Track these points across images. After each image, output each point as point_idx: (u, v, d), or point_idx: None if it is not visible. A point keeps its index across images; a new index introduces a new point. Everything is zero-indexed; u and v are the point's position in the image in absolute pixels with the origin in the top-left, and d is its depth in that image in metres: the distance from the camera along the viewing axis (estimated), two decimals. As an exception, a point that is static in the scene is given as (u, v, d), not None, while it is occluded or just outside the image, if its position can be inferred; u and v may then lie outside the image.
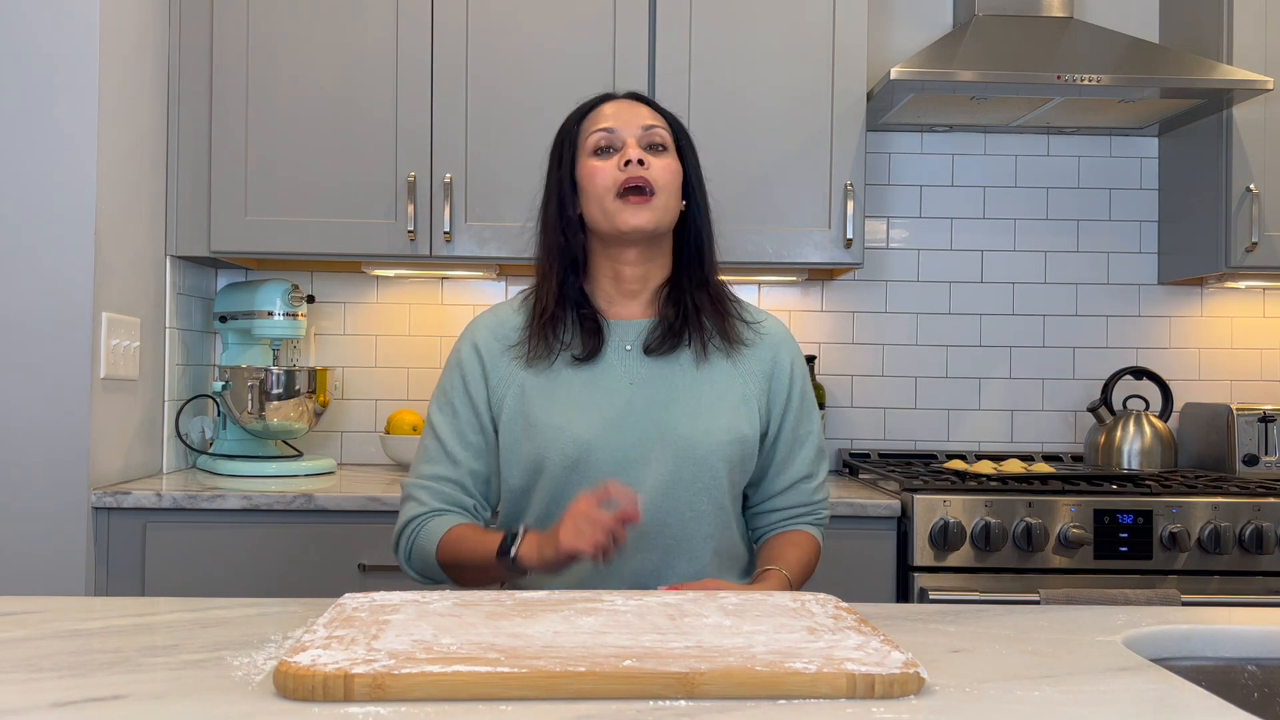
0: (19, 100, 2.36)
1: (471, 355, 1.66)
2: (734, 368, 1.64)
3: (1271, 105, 2.83)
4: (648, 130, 1.61)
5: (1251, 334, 3.20)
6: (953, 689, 1.01)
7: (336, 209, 2.72)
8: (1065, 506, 2.46)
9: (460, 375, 1.66)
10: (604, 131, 1.61)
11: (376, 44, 2.73)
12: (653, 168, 1.59)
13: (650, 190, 1.58)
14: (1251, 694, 1.28)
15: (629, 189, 1.57)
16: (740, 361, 1.65)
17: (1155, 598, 2.38)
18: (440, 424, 1.66)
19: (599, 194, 1.59)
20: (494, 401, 1.64)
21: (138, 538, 2.41)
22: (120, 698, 0.96)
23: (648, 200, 1.58)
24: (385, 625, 1.10)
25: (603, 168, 1.60)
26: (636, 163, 1.58)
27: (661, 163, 1.61)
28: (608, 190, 1.58)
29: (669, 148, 1.63)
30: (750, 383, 1.64)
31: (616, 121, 1.62)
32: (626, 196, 1.58)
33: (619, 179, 1.58)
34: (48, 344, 2.37)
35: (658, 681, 0.96)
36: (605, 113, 1.64)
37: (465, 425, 1.65)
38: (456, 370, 1.67)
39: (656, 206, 1.59)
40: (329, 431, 3.11)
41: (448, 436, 1.65)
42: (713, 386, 1.62)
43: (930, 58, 2.74)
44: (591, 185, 1.60)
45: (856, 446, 3.15)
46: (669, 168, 1.61)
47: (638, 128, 1.61)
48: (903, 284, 3.18)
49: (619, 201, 1.58)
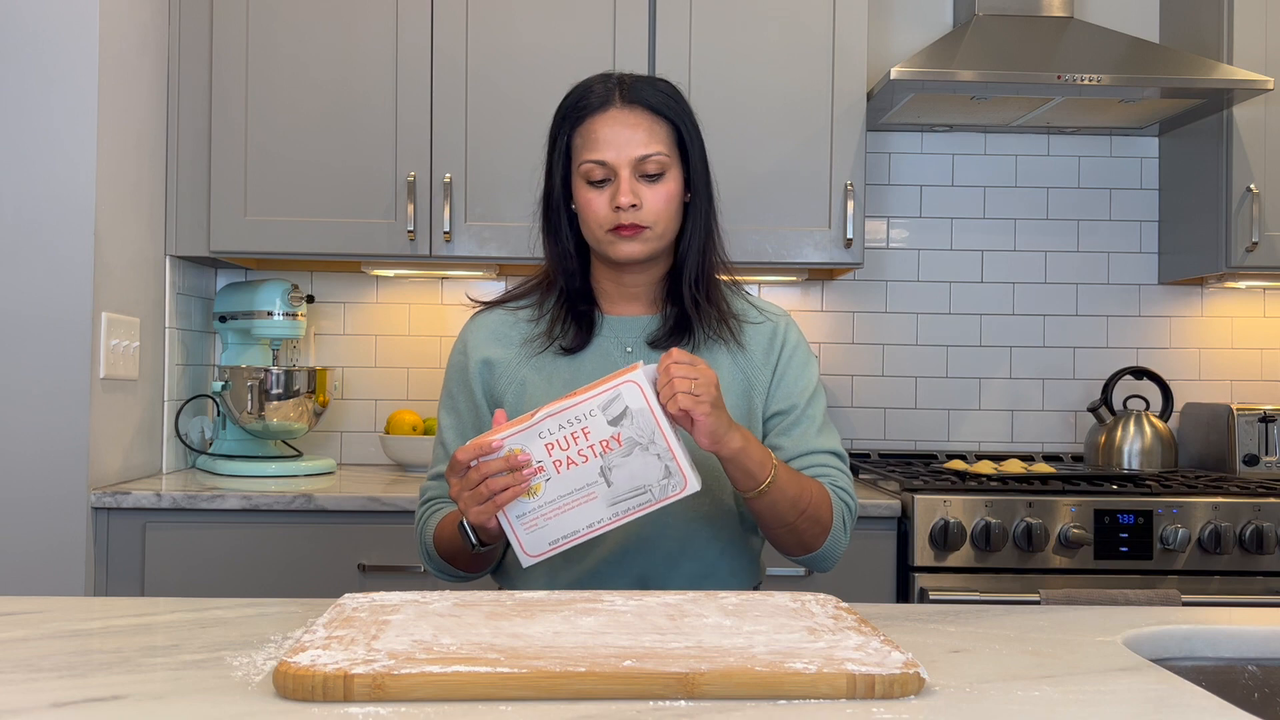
0: (19, 100, 2.36)
1: (471, 353, 1.66)
2: (734, 361, 1.63)
3: (1271, 105, 2.83)
4: (643, 160, 1.56)
5: (1252, 334, 3.20)
6: (953, 689, 1.01)
7: (336, 209, 2.72)
8: (1065, 506, 2.46)
9: (460, 374, 1.67)
10: (596, 164, 1.56)
11: (376, 43, 2.73)
12: (645, 204, 1.56)
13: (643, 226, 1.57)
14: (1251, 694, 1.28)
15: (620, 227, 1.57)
16: (742, 353, 1.64)
17: (1155, 598, 2.38)
18: (446, 425, 1.68)
19: (591, 225, 1.59)
20: (495, 396, 1.64)
21: (137, 538, 2.41)
22: (120, 698, 0.96)
23: (639, 233, 1.57)
24: (385, 625, 1.10)
25: (595, 201, 1.57)
26: (629, 207, 1.55)
27: (656, 193, 1.57)
28: (600, 225, 1.57)
29: (667, 170, 1.58)
30: (754, 374, 1.63)
31: (610, 151, 1.56)
32: (618, 230, 1.57)
33: (611, 219, 1.56)
34: (48, 344, 2.36)
35: (658, 682, 0.96)
36: (600, 136, 1.57)
37: (467, 422, 1.65)
38: (456, 370, 1.68)
39: (649, 238, 1.58)
40: (329, 431, 3.11)
41: (450, 436, 1.66)
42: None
43: (930, 58, 2.74)
44: (585, 215, 1.59)
45: (856, 446, 3.15)
46: (665, 195, 1.57)
47: (632, 157, 1.56)
48: (903, 284, 3.18)
49: (611, 234, 1.57)
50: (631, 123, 1.57)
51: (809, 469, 1.60)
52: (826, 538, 1.56)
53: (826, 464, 1.61)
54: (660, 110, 1.59)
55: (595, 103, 1.59)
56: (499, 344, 1.65)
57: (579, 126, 1.59)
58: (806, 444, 1.62)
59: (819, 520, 1.54)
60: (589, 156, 1.57)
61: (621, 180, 1.55)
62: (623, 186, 1.55)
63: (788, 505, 1.50)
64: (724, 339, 1.63)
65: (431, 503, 1.66)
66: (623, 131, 1.56)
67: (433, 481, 1.67)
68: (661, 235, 1.59)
